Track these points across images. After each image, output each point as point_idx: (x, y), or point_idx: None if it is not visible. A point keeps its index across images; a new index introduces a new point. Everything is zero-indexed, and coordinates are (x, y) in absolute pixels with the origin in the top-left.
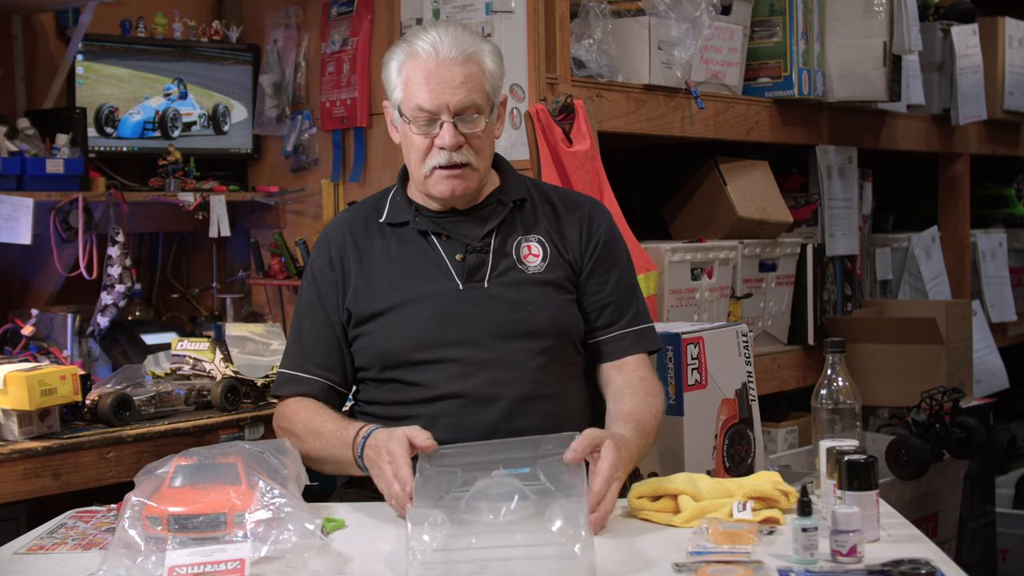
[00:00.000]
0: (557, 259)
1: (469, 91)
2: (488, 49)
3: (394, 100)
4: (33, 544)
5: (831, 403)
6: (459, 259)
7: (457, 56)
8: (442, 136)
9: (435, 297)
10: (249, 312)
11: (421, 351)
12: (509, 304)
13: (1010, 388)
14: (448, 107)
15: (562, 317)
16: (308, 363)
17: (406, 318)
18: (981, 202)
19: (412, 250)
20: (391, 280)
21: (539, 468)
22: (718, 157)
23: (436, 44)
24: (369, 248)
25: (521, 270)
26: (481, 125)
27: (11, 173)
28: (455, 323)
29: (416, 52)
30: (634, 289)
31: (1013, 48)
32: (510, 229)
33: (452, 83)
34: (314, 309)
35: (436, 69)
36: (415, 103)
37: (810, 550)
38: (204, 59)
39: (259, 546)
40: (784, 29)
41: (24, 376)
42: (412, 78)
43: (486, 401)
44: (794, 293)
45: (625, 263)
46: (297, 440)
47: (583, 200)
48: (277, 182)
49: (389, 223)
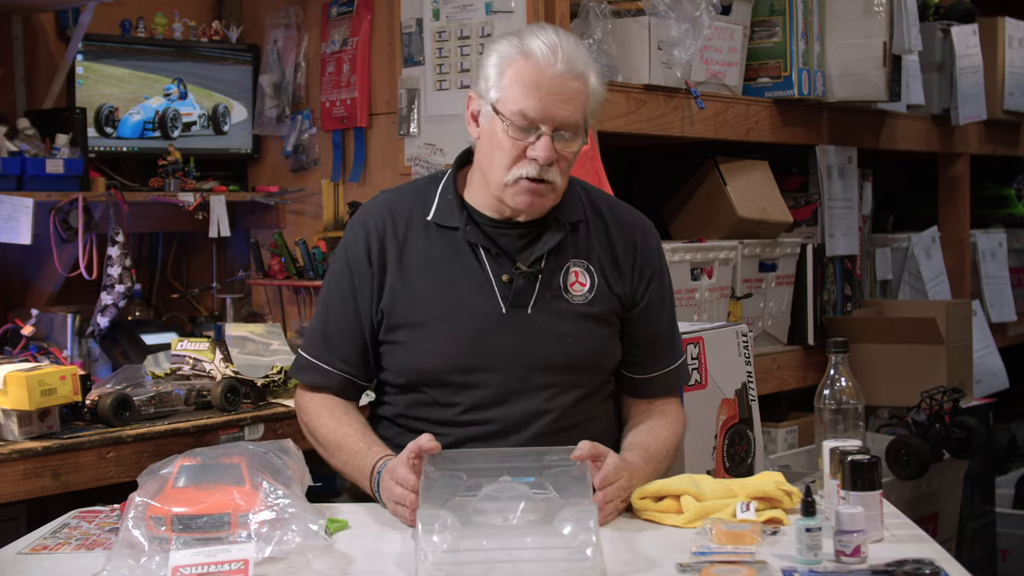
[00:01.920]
0: (604, 291)
1: (575, 109)
2: (598, 70)
3: (489, 96)
4: (37, 544)
5: (834, 403)
6: (505, 280)
7: (572, 70)
8: (538, 148)
9: (477, 317)
10: (249, 312)
11: (456, 373)
12: (551, 335)
13: (1010, 388)
14: (553, 119)
15: (601, 354)
16: (333, 356)
17: (444, 336)
18: (981, 202)
19: (457, 259)
20: (431, 289)
21: (545, 478)
22: (718, 157)
23: (555, 50)
24: (411, 246)
25: (567, 299)
26: (575, 146)
27: (11, 173)
28: (494, 348)
29: (531, 53)
30: (675, 323)
31: (1013, 48)
32: (561, 253)
33: (563, 96)
34: (344, 300)
35: (549, 78)
36: (519, 107)
37: (814, 550)
38: (204, 59)
39: (263, 547)
40: (784, 29)
41: (24, 376)
42: (521, 79)
43: (513, 431)
44: (794, 293)
45: (670, 295)
46: (318, 445)
47: (636, 223)
48: (277, 182)
49: (437, 223)
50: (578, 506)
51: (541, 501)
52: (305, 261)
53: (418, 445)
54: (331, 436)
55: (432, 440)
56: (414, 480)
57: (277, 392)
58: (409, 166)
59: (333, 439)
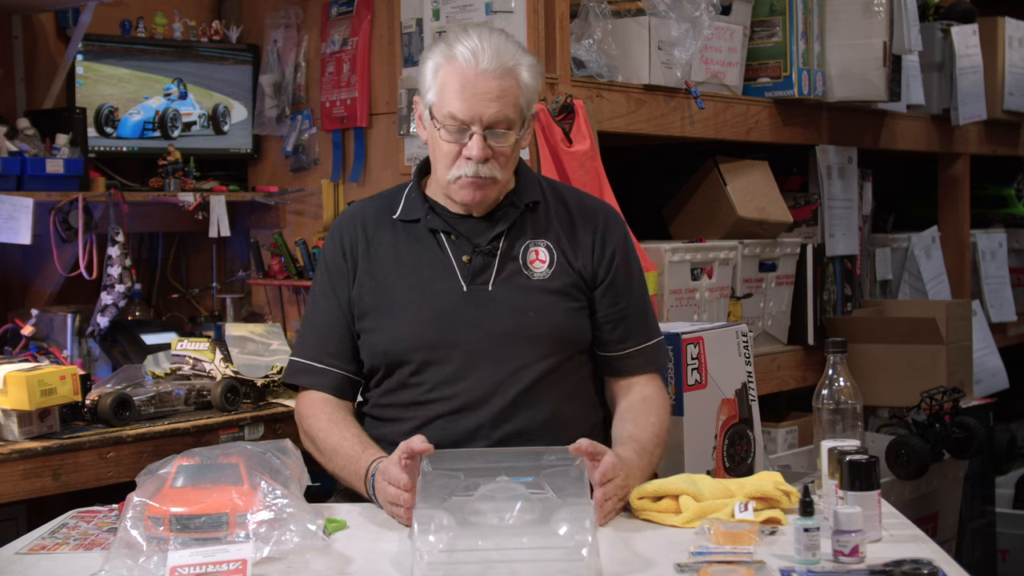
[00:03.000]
0: (564, 267)
1: (503, 106)
2: (527, 63)
3: (426, 100)
4: (35, 544)
5: (832, 403)
6: (466, 260)
7: (496, 68)
8: (470, 147)
9: (439, 297)
10: (249, 312)
11: (421, 351)
12: (511, 309)
13: (1010, 388)
14: (481, 119)
15: (565, 326)
16: (323, 353)
17: (409, 317)
18: (981, 202)
19: (420, 248)
20: (396, 276)
21: (542, 478)
22: (718, 157)
23: (476, 52)
24: (378, 241)
25: (526, 275)
26: (510, 141)
27: (11, 173)
28: (456, 325)
29: (455, 57)
30: (646, 302)
31: (1013, 48)
32: (519, 233)
33: (487, 96)
34: (327, 298)
35: (473, 79)
36: (448, 110)
37: (812, 550)
38: (204, 59)
39: (261, 546)
40: (784, 29)
41: (24, 376)
42: (448, 84)
43: (479, 404)
44: (794, 293)
45: (638, 275)
46: (316, 450)
47: (598, 208)
48: (277, 182)
49: (401, 219)
50: (575, 506)
51: (538, 501)
52: (305, 261)
53: (409, 446)
54: (328, 441)
55: (424, 442)
56: (407, 479)
57: (277, 392)
58: (409, 166)
59: (330, 444)
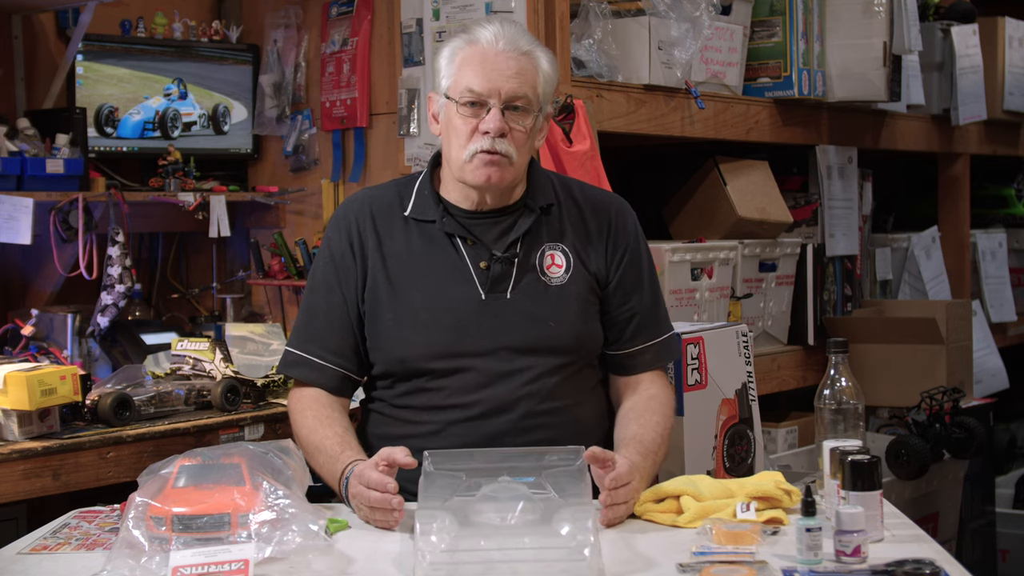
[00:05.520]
0: (580, 270)
1: (521, 83)
2: (545, 53)
3: (442, 87)
4: (37, 544)
5: (834, 403)
6: (483, 267)
7: (515, 50)
8: (488, 120)
9: (457, 305)
10: (249, 312)
11: (439, 360)
12: (531, 318)
13: (1010, 388)
14: (499, 93)
15: (583, 334)
16: (321, 348)
17: (426, 324)
18: (981, 202)
19: (436, 251)
20: (411, 280)
21: (544, 478)
22: (718, 157)
23: (497, 35)
24: (391, 239)
25: (545, 282)
26: (527, 120)
27: (11, 173)
28: (475, 334)
29: (476, 40)
30: (657, 297)
31: (1013, 48)
32: (535, 238)
33: (507, 71)
34: (331, 291)
35: (493, 57)
36: (466, 85)
37: (814, 550)
38: (204, 59)
39: (263, 547)
40: (784, 29)
41: (24, 376)
42: (467, 62)
43: (498, 413)
44: (794, 293)
45: (649, 270)
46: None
47: (609, 202)
48: (277, 182)
49: (414, 218)
50: (577, 506)
51: (540, 501)
52: (305, 261)
53: (392, 456)
54: (311, 438)
55: (408, 455)
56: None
57: (277, 392)
58: (409, 166)
59: (313, 440)
